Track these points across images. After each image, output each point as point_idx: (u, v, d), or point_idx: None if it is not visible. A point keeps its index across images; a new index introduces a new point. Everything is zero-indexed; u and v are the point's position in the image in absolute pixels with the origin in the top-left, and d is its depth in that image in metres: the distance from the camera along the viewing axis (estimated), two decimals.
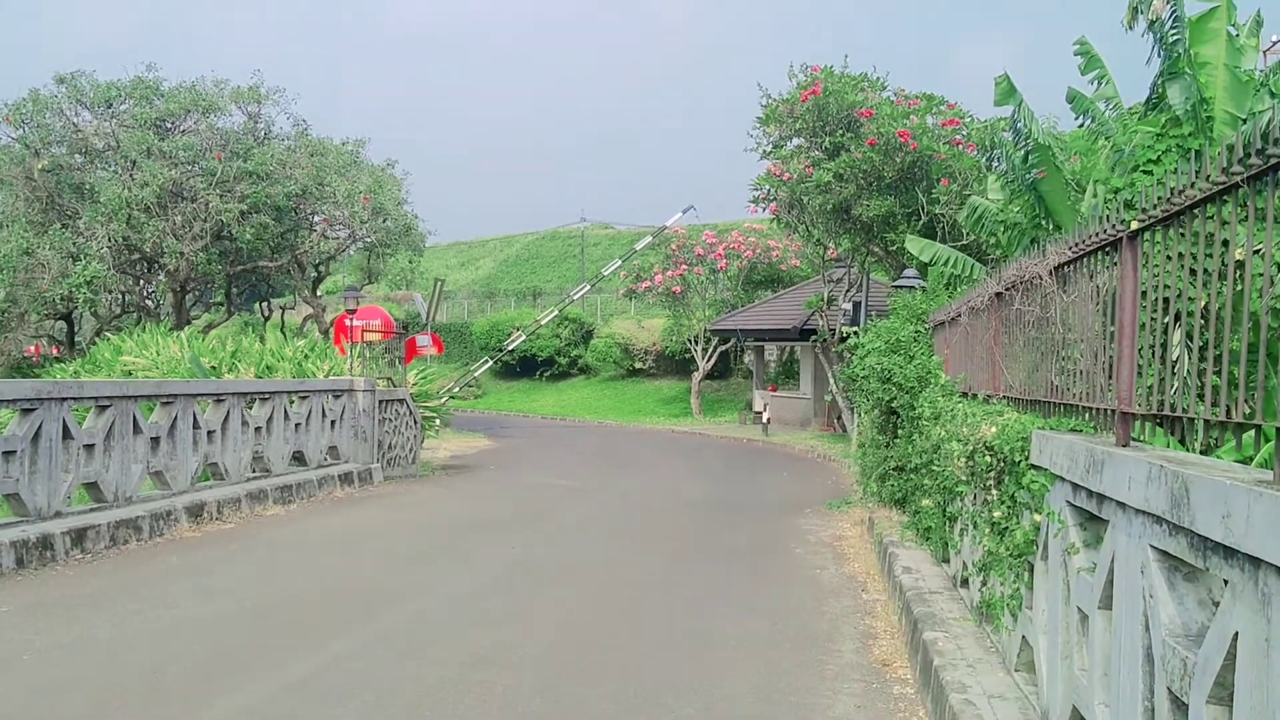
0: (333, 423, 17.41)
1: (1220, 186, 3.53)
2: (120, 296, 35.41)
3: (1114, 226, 4.60)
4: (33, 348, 35.41)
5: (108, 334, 29.33)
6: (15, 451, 10.21)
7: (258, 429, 15.10)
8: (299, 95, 60.51)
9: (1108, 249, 4.84)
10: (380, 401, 18.67)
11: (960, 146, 23.43)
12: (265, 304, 42.19)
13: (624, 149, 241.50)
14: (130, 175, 29.33)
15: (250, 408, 15.11)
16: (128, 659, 7.14)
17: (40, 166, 28.80)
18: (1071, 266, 5.45)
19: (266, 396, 15.47)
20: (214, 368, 20.70)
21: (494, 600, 9.42)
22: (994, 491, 6.32)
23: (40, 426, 10.52)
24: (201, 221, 29.87)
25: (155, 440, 12.70)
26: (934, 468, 9.01)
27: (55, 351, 35.12)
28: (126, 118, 30.78)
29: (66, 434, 11.02)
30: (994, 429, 6.30)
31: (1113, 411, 4.59)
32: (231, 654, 7.36)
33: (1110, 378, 4.69)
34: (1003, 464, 6.13)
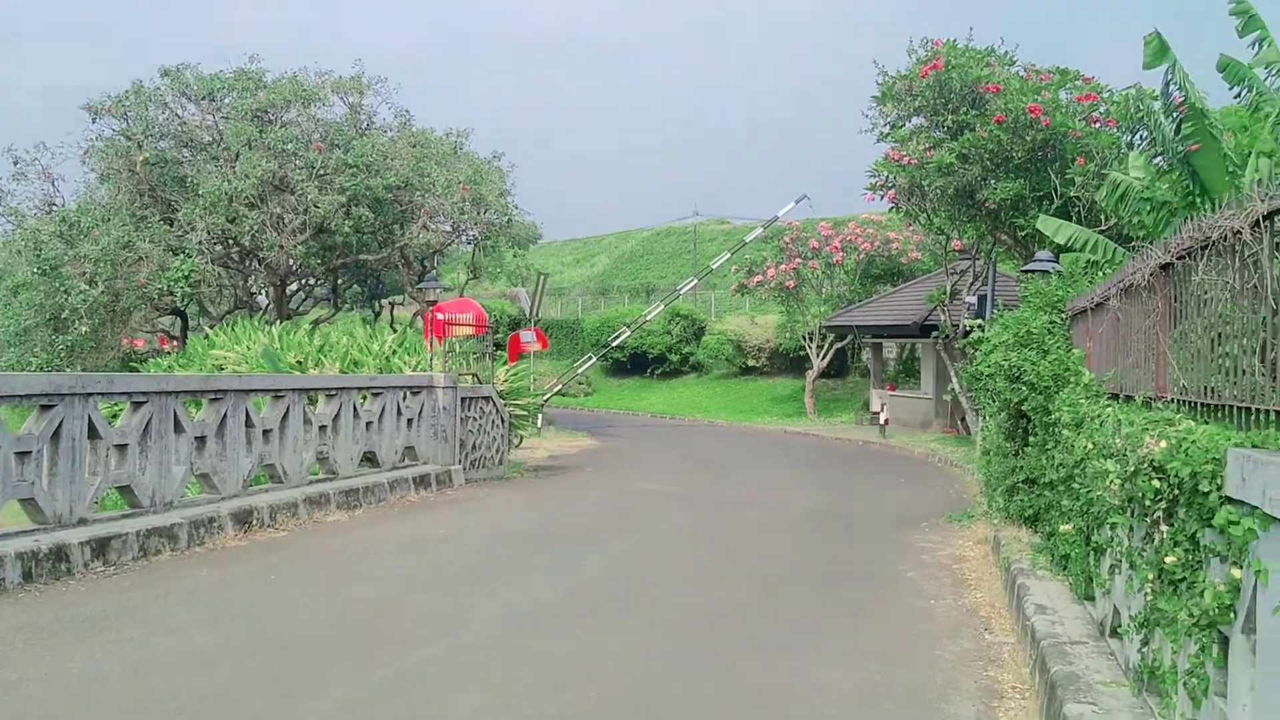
0: (409, 421, 16.33)
1: None
2: (230, 291, 35.43)
3: None
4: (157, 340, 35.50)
5: (206, 329, 29.07)
6: (30, 452, 9.27)
7: (322, 428, 14.08)
8: (400, 85, 60.07)
9: None
10: (463, 399, 17.55)
11: (1097, 124, 21.30)
12: (375, 300, 42.01)
13: (740, 143, 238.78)
14: (231, 167, 28.96)
15: (314, 405, 14.11)
16: (82, 704, 5.99)
17: (142, 159, 28.62)
18: None
19: (333, 393, 14.44)
20: (300, 362, 19.97)
21: (551, 633, 8.07)
22: (1163, 527, 4.71)
23: (60, 425, 9.56)
24: (301, 214, 29.43)
25: (201, 440, 11.72)
26: (1075, 486, 7.35)
27: (166, 345, 35.13)
28: (229, 110, 30.55)
29: (93, 433, 10.06)
30: (1163, 444, 4.68)
31: None
32: (209, 700, 6.15)
33: None
34: (1177, 492, 4.51)
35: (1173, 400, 5.64)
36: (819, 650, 7.80)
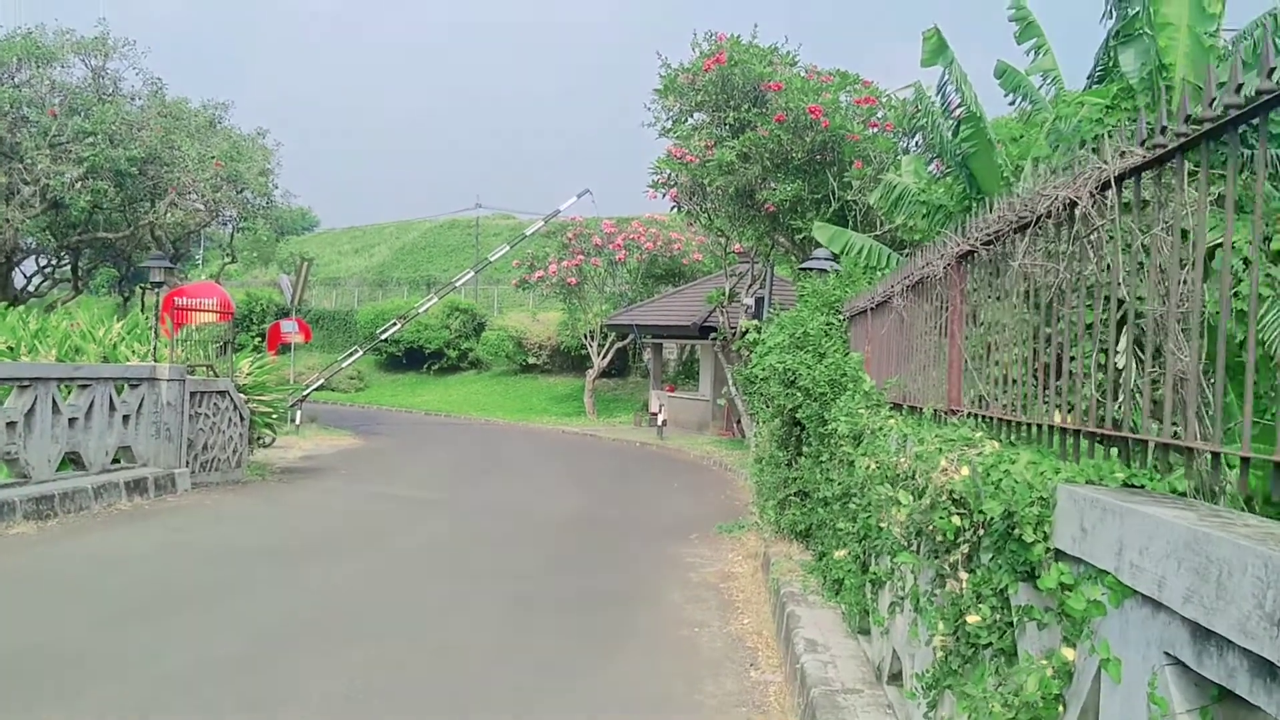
0: (125, 418, 14.34)
1: None
2: None
3: None
4: None
5: None
6: None
7: (10, 424, 12.03)
8: (149, 49, 55.66)
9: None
10: (194, 393, 15.63)
11: (876, 129, 21.20)
12: (128, 284, 38.73)
13: (526, 139, 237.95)
14: None
15: (1, 399, 12.07)
16: None
17: None
18: (1152, 177, 2.94)
19: (26, 384, 12.39)
20: (11, 348, 17.53)
21: (233, 684, 6.64)
22: (962, 574, 3.79)
23: None
24: (31, 185, 26.41)
25: None
26: (852, 507, 6.50)
27: None
28: None
29: None
30: (964, 470, 3.77)
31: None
32: None
33: None
34: (982, 532, 3.61)
35: (969, 414, 4.79)
36: (564, 697, 6.69)
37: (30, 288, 33.06)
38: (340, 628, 8.20)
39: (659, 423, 31.29)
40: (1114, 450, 3.35)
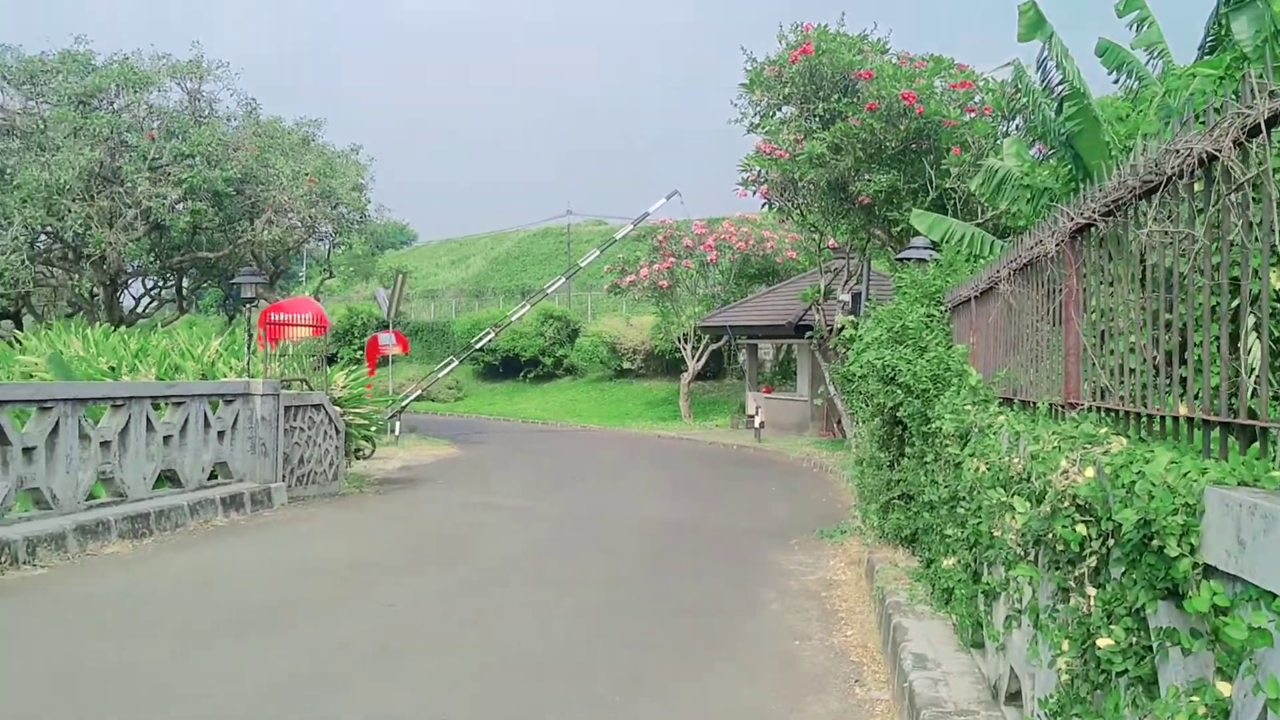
0: (221, 434, 14.39)
1: None
2: (65, 291, 32.63)
3: None
4: None
5: (15, 335, 26.44)
6: None
7: (105, 443, 12.11)
8: (242, 70, 56.16)
9: None
10: (288, 408, 15.65)
11: (973, 113, 20.43)
12: (232, 302, 39.59)
13: (619, 146, 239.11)
14: (52, 156, 26.32)
15: (96, 418, 12.15)
16: None
17: None
18: None
19: (120, 403, 12.47)
20: (112, 368, 17.86)
21: (312, 702, 6.41)
22: (1089, 590, 3.34)
23: None
24: (133, 208, 27.00)
25: None
26: (961, 511, 6.02)
27: None
28: (52, 95, 27.90)
29: None
30: (1089, 471, 3.32)
31: None
32: None
33: None
34: (1112, 543, 3.15)
35: (1090, 408, 4.30)
36: (652, 716, 6.33)
37: (139, 310, 33.90)
38: (414, 648, 7.86)
39: (756, 425, 30.77)
40: (1252, 445, 2.88)
